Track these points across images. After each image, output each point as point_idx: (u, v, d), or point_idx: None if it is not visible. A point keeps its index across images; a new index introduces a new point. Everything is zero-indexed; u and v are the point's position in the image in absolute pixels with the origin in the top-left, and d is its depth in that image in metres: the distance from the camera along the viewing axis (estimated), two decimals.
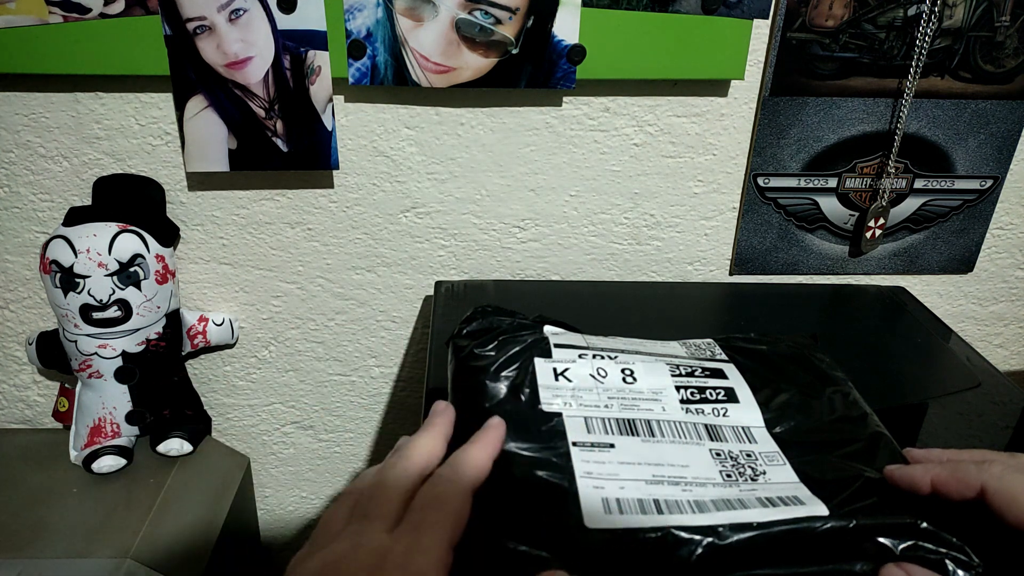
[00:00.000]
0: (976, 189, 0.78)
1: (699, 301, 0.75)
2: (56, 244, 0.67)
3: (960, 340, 0.68)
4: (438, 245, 0.77)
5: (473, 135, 0.72)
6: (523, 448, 0.38)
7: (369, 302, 0.80)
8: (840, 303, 0.76)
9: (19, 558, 0.64)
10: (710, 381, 0.45)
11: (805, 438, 0.42)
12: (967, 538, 0.34)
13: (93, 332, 0.70)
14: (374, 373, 0.85)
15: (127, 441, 0.75)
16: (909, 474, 0.37)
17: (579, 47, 0.65)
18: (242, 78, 0.65)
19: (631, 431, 0.40)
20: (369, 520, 0.33)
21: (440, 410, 0.41)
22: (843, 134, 0.74)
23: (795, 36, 0.68)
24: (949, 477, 0.35)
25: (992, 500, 0.33)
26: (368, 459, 0.91)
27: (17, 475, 0.74)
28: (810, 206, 0.77)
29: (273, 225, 0.75)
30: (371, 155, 0.72)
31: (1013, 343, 0.89)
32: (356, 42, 0.64)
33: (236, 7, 0.62)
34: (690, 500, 0.36)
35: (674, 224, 0.78)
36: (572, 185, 0.75)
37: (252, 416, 0.86)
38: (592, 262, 0.79)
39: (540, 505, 0.35)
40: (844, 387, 0.47)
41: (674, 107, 0.72)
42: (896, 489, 0.37)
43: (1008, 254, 0.83)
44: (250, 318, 0.80)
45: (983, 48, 0.70)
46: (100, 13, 0.62)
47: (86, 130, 0.69)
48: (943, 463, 0.36)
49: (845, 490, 0.37)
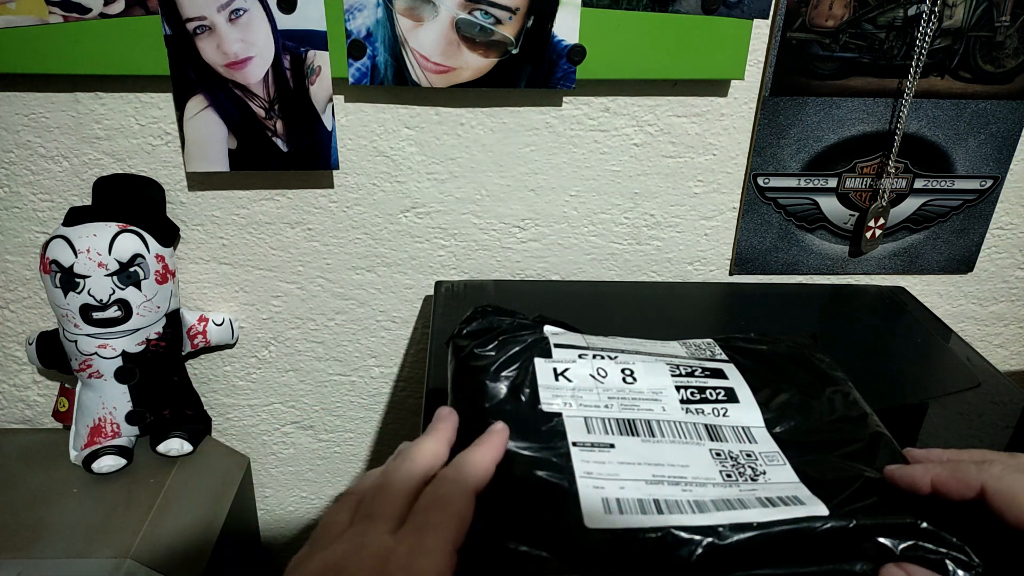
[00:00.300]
0: (976, 189, 0.78)
1: (699, 301, 0.75)
2: (56, 244, 0.67)
3: (960, 340, 0.68)
4: (438, 245, 0.77)
5: (473, 135, 0.72)
6: (523, 448, 0.38)
7: (369, 302, 0.80)
8: (840, 303, 0.76)
9: (19, 558, 0.64)
10: (710, 381, 0.45)
11: (805, 438, 0.42)
12: (967, 538, 0.34)
13: (93, 332, 0.70)
14: (374, 373, 0.85)
15: (127, 441, 0.75)
16: (909, 474, 0.37)
17: (579, 47, 0.65)
18: (242, 78, 0.65)
19: (631, 431, 0.40)
20: (372, 521, 0.33)
21: (444, 415, 0.41)
22: (843, 134, 0.74)
23: (795, 36, 0.68)
24: (949, 477, 0.35)
25: (992, 500, 0.33)
26: (368, 459, 0.91)
27: (17, 475, 0.74)
28: (810, 206, 0.77)
29: (273, 225, 0.75)
30: (371, 155, 0.72)
31: (1013, 343, 0.89)
32: (356, 42, 0.64)
33: (236, 7, 0.62)
34: (690, 500, 0.36)
35: (674, 224, 0.78)
36: (572, 185, 0.75)
37: (252, 416, 0.86)
38: (592, 262, 0.79)
39: (540, 505, 0.35)
40: (844, 387, 0.47)
41: (674, 107, 0.72)
42: (896, 489, 0.37)
43: (1008, 254, 0.83)
44: (250, 318, 0.80)
45: (983, 48, 0.70)
46: (100, 13, 0.62)
47: (86, 130, 0.69)
48: (943, 463, 0.36)
49: (845, 490, 0.37)
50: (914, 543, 0.34)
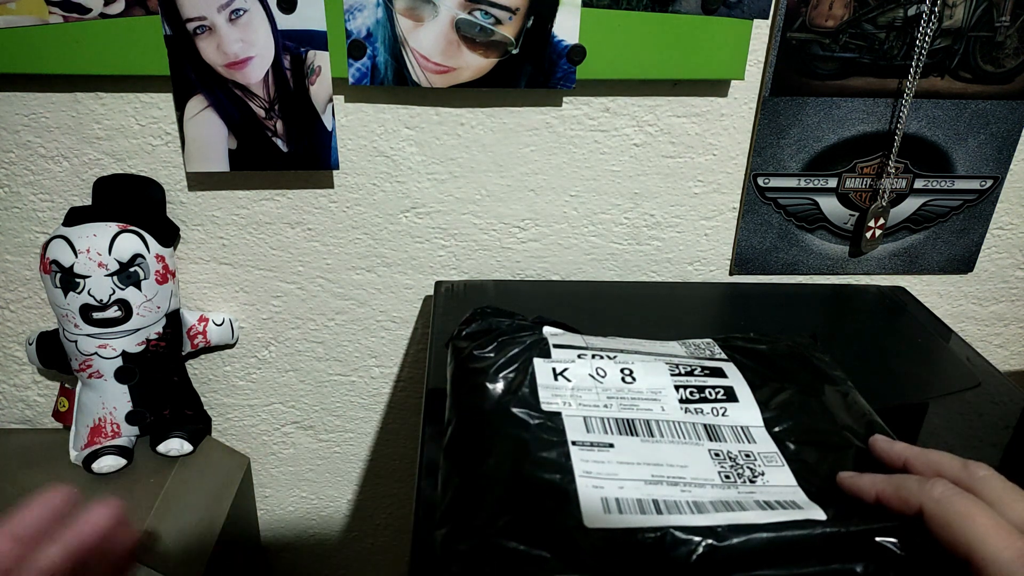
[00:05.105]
0: (976, 189, 0.78)
1: (699, 301, 0.75)
2: (56, 244, 0.67)
3: (960, 340, 0.68)
4: (438, 245, 0.77)
5: (473, 135, 0.72)
6: (522, 448, 0.38)
7: (369, 302, 0.80)
8: (840, 303, 0.76)
9: None
10: (709, 380, 0.45)
11: (804, 437, 0.42)
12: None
13: (93, 332, 0.70)
14: (374, 373, 0.85)
15: (127, 441, 0.75)
16: (857, 485, 0.36)
17: (579, 47, 0.65)
18: (242, 78, 0.65)
19: (630, 431, 0.40)
20: None
21: None
22: (843, 134, 0.73)
23: (795, 36, 0.68)
24: (892, 495, 0.35)
25: (928, 522, 0.33)
26: (368, 459, 0.91)
27: (17, 475, 0.74)
28: (810, 206, 0.77)
29: (273, 225, 0.75)
30: (371, 155, 0.72)
31: (1013, 343, 0.89)
32: (356, 42, 0.64)
33: (236, 7, 0.62)
34: (689, 501, 0.36)
35: (674, 224, 0.78)
36: (572, 185, 0.75)
37: (252, 416, 0.86)
38: (592, 262, 0.79)
39: (540, 505, 0.35)
40: (844, 387, 0.47)
41: (674, 107, 0.72)
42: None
43: (1008, 254, 0.83)
44: (250, 318, 0.80)
45: (983, 48, 0.70)
46: (100, 13, 0.62)
47: (86, 130, 0.69)
48: (888, 479, 0.35)
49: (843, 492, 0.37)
50: (914, 544, 0.34)
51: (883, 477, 0.36)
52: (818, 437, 0.42)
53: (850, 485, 0.37)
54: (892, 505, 0.34)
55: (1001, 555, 0.30)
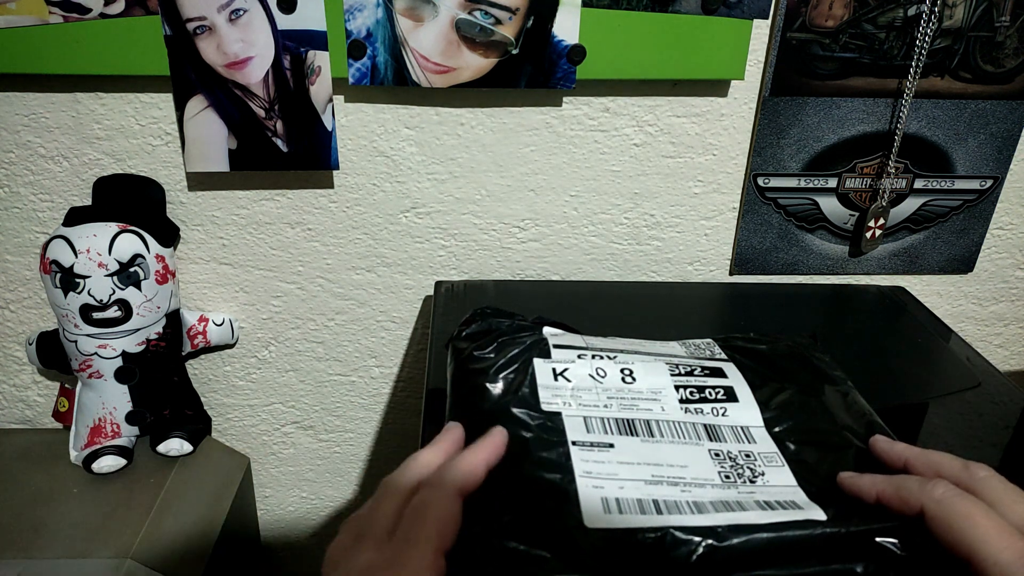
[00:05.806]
0: (976, 189, 0.78)
1: (699, 301, 0.75)
2: (56, 244, 0.67)
3: (960, 340, 0.68)
4: (438, 245, 0.77)
5: (473, 135, 0.72)
6: (522, 448, 0.38)
7: (369, 302, 0.80)
8: (840, 303, 0.76)
9: (19, 558, 0.64)
10: (709, 380, 0.45)
11: (804, 438, 0.42)
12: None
13: (93, 332, 0.70)
14: (374, 373, 0.85)
15: (127, 441, 0.75)
16: (857, 485, 0.36)
17: (579, 47, 0.65)
18: (242, 78, 0.65)
19: (630, 431, 0.40)
20: (363, 540, 0.33)
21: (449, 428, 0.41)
22: (843, 134, 0.73)
23: (795, 36, 0.68)
24: (893, 495, 0.34)
25: (929, 523, 0.33)
26: (368, 459, 0.91)
27: (17, 475, 0.74)
28: (810, 206, 0.77)
29: (273, 225, 0.75)
30: (371, 155, 0.72)
31: (1013, 343, 0.89)
32: (356, 42, 0.64)
33: (236, 7, 0.62)
34: (689, 501, 0.36)
35: (674, 224, 0.78)
36: (572, 185, 0.75)
37: (252, 416, 0.86)
38: (592, 262, 0.79)
39: (540, 504, 0.35)
40: (844, 387, 0.47)
41: (674, 107, 0.72)
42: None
43: (1008, 254, 0.83)
44: (250, 318, 0.80)
45: (983, 48, 0.70)
46: (100, 13, 0.62)
47: (86, 130, 0.69)
48: (889, 480, 0.35)
49: (843, 492, 0.37)
50: (914, 544, 0.34)
51: (883, 477, 0.36)
52: (818, 437, 0.42)
53: (850, 485, 0.37)
54: (892, 505, 0.34)
55: (1001, 556, 0.30)
